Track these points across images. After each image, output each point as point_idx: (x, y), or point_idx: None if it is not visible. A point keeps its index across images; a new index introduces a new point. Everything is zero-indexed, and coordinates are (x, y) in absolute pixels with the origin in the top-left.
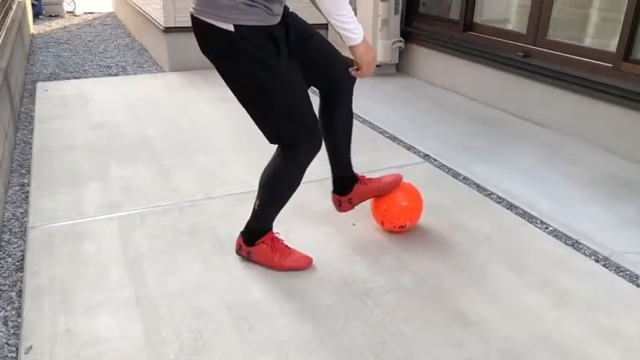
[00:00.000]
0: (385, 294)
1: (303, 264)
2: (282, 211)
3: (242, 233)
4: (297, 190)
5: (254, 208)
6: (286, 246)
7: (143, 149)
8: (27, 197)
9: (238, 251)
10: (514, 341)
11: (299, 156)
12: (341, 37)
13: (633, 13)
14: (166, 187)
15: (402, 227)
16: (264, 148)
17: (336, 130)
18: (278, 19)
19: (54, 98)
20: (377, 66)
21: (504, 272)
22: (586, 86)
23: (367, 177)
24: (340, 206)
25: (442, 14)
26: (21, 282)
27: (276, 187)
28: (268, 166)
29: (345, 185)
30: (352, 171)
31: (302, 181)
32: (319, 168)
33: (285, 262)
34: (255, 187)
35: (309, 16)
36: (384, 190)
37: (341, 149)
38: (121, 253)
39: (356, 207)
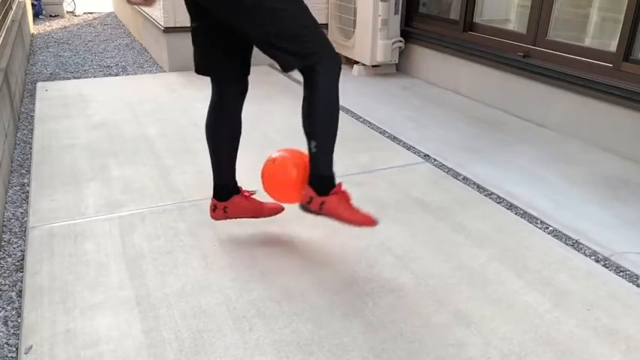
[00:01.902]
0: (385, 294)
1: (373, 220)
2: (282, 210)
3: (311, 185)
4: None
5: (312, 154)
6: None
7: (143, 149)
8: (27, 197)
9: (307, 205)
10: (514, 341)
11: (333, 66)
12: None
13: (633, 13)
14: (166, 187)
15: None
16: (263, 148)
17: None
18: None
19: (54, 98)
20: (377, 66)
21: (504, 272)
22: (586, 86)
23: (251, 195)
24: (214, 211)
25: (442, 14)
26: (21, 282)
27: (326, 111)
28: (306, 102)
29: (226, 191)
30: (235, 180)
31: None
32: None
33: (359, 216)
34: (254, 187)
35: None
36: (263, 214)
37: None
38: (121, 253)
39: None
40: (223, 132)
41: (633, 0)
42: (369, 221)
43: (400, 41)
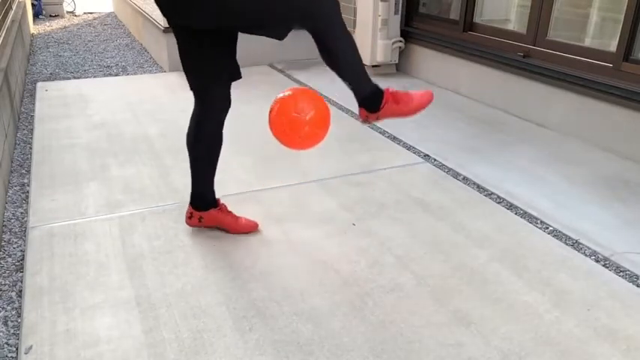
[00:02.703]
0: (385, 294)
1: (429, 95)
2: (281, 211)
3: (362, 106)
4: (296, 190)
5: (353, 89)
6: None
7: (143, 149)
8: (27, 197)
9: (366, 120)
10: (514, 341)
11: (330, 15)
12: None
13: (633, 13)
14: (166, 187)
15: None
16: (263, 148)
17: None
18: None
19: (54, 98)
20: (377, 66)
21: (504, 272)
22: (586, 86)
23: (227, 209)
24: (190, 218)
25: (442, 14)
26: (21, 282)
27: (345, 56)
28: (324, 55)
29: (204, 202)
30: (213, 191)
31: (302, 181)
32: (319, 168)
33: (414, 104)
34: (254, 187)
35: None
36: (235, 230)
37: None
38: (121, 253)
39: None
40: (203, 144)
41: (633, 0)
42: (426, 100)
43: (400, 41)
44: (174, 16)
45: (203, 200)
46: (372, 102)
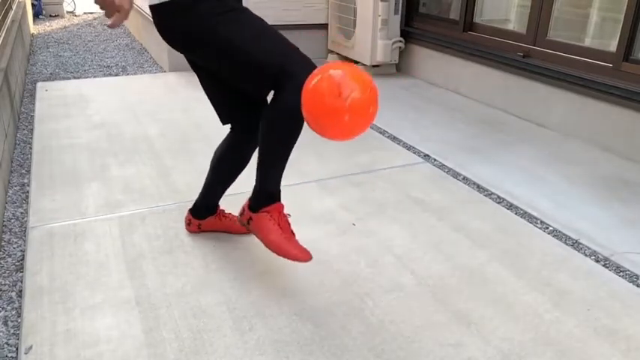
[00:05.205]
0: (385, 294)
1: (295, 254)
2: None
3: (253, 198)
4: (296, 190)
5: (262, 172)
6: None
7: (143, 149)
8: (27, 197)
9: (241, 214)
10: (514, 341)
11: (299, 88)
12: None
13: (633, 13)
14: (166, 187)
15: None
16: None
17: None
18: None
19: (54, 98)
20: (377, 66)
21: (504, 272)
22: (586, 86)
23: (226, 212)
24: (189, 225)
25: (442, 14)
26: (21, 282)
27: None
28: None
29: (204, 212)
30: (217, 204)
31: (302, 181)
32: (319, 168)
33: (287, 243)
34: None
35: (307, 16)
36: (235, 230)
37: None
38: (121, 253)
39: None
40: (227, 166)
41: (633, 0)
42: (288, 253)
43: (400, 41)
44: (181, 51)
45: (204, 212)
46: (262, 199)
